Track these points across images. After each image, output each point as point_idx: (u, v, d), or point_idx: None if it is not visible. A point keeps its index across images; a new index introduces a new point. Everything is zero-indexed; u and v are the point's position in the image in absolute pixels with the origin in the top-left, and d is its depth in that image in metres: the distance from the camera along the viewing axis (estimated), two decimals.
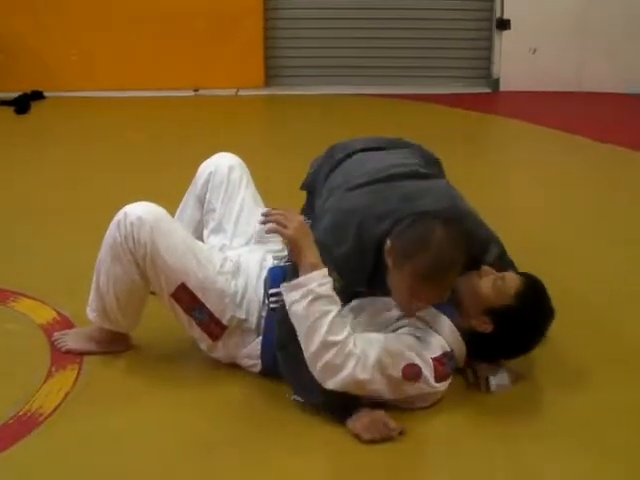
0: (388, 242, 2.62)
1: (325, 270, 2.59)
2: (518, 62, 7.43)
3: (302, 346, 2.55)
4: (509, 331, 2.72)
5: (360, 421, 2.58)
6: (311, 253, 2.61)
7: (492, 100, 7.38)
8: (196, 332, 2.86)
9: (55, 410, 2.70)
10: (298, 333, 2.56)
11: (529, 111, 6.86)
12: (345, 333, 2.53)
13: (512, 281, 2.74)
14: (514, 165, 5.67)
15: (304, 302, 2.53)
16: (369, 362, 2.52)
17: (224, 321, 2.82)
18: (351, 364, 2.50)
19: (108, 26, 7.14)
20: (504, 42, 7.45)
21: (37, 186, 4.85)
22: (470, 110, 6.90)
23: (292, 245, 2.64)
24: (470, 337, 2.75)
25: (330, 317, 2.52)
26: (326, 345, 2.50)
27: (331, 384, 2.53)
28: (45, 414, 2.67)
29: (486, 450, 2.56)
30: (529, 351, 2.83)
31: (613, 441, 2.58)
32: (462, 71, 7.64)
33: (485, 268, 2.76)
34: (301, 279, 2.57)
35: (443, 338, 2.69)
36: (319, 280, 2.56)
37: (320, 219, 2.86)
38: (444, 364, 2.64)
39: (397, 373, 2.56)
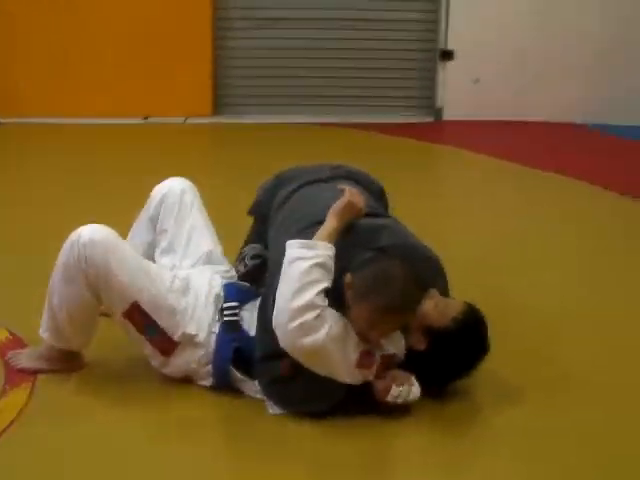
0: (348, 276, 2.71)
1: (334, 248, 2.71)
2: (461, 91, 7.58)
3: (283, 299, 2.64)
4: (441, 353, 2.80)
5: (384, 386, 2.75)
6: (340, 224, 2.79)
7: (435, 129, 7.51)
8: (148, 349, 2.93)
9: (9, 426, 2.73)
10: (286, 285, 2.66)
11: (471, 139, 7.00)
12: (326, 302, 2.65)
13: (454, 306, 2.84)
14: (457, 193, 5.79)
15: (311, 262, 2.65)
16: (336, 333, 2.64)
17: (175, 337, 2.89)
18: (324, 330, 2.61)
19: (61, 53, 7.20)
20: (447, 72, 7.62)
21: None
22: (414, 138, 7.02)
23: (343, 208, 2.80)
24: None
25: (323, 285, 2.65)
26: (312, 305, 2.61)
27: (298, 344, 2.63)
28: None
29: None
30: (455, 379, 2.91)
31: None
32: (406, 100, 7.78)
33: (432, 290, 2.85)
34: (320, 243, 2.70)
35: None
36: (330, 253, 2.69)
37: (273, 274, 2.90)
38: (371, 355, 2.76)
39: (353, 356, 2.69)
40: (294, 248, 2.71)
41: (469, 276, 3.73)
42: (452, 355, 2.80)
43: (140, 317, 2.87)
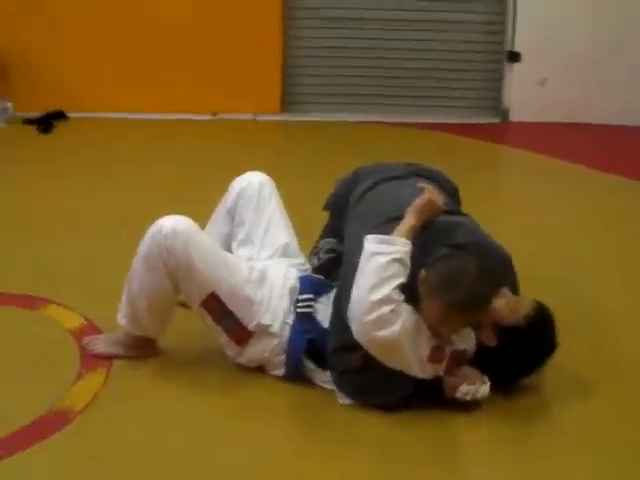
0: (423, 272, 2.75)
1: (411, 245, 2.76)
2: (527, 93, 7.56)
3: (360, 292, 2.69)
4: (511, 350, 2.83)
5: (454, 383, 2.82)
6: (418, 222, 2.83)
7: (501, 130, 7.50)
8: (224, 338, 3.01)
9: (85, 408, 2.83)
10: (364, 279, 2.71)
11: (536, 141, 6.97)
12: (402, 297, 2.70)
13: (525, 304, 2.87)
14: (522, 194, 5.79)
15: (389, 257, 2.70)
16: (409, 327, 2.69)
17: (250, 327, 2.96)
18: (398, 324, 2.66)
19: (131, 49, 7.27)
20: (514, 73, 7.60)
21: (64, 201, 5.01)
22: (480, 139, 7.02)
23: (420, 205, 2.85)
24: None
25: (400, 280, 2.70)
26: (388, 299, 2.66)
27: (372, 337, 2.69)
28: (76, 411, 2.80)
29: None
30: (525, 375, 2.96)
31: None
32: (473, 101, 7.77)
33: (504, 288, 2.87)
34: (398, 239, 2.76)
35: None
36: (408, 249, 2.75)
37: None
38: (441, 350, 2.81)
39: (425, 351, 2.74)
40: (373, 243, 2.76)
41: (534, 273, 3.73)
42: (523, 352, 2.84)
43: (217, 307, 2.94)
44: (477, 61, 7.71)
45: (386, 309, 2.65)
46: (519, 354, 2.85)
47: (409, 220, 2.83)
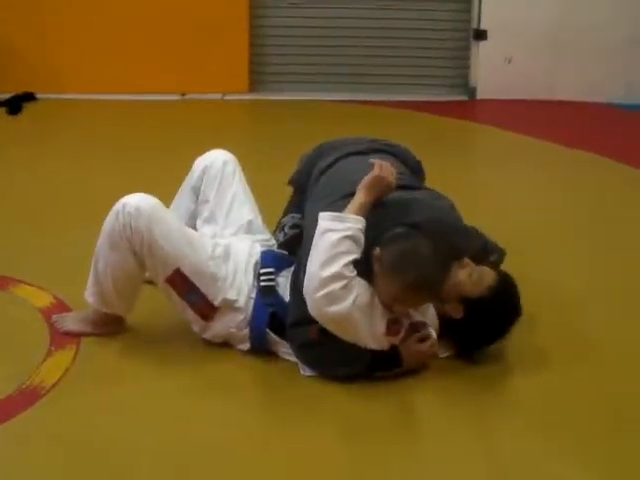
0: (377, 250, 2.79)
1: (364, 221, 2.80)
2: (494, 71, 7.60)
3: (313, 269, 2.74)
4: (477, 320, 2.91)
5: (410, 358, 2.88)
6: (370, 197, 2.85)
7: (469, 107, 7.54)
8: (189, 314, 3.06)
9: (56, 384, 2.87)
10: (316, 255, 2.75)
11: (503, 118, 7.02)
12: (354, 273, 2.74)
13: (487, 275, 2.94)
14: (490, 170, 5.81)
15: (341, 234, 2.74)
16: (362, 303, 2.74)
17: (216, 303, 3.01)
18: (349, 300, 2.71)
19: (98, 30, 7.25)
20: (481, 51, 7.66)
21: (32, 182, 5.02)
22: (448, 116, 7.06)
23: (371, 180, 2.87)
24: (440, 320, 2.98)
25: (352, 257, 2.74)
26: (339, 276, 2.70)
27: (324, 312, 2.75)
28: (46, 388, 2.85)
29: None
30: (491, 343, 3.03)
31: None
32: (440, 79, 7.81)
33: (466, 260, 2.95)
34: (350, 216, 2.79)
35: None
36: (360, 226, 2.78)
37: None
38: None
39: (381, 326, 2.80)
40: (325, 220, 2.79)
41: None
42: (488, 321, 2.92)
43: (182, 283, 2.99)
44: (444, 39, 7.72)
45: (337, 285, 2.70)
46: (485, 323, 2.93)
47: (359, 197, 2.86)
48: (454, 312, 2.93)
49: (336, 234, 2.74)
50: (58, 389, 2.86)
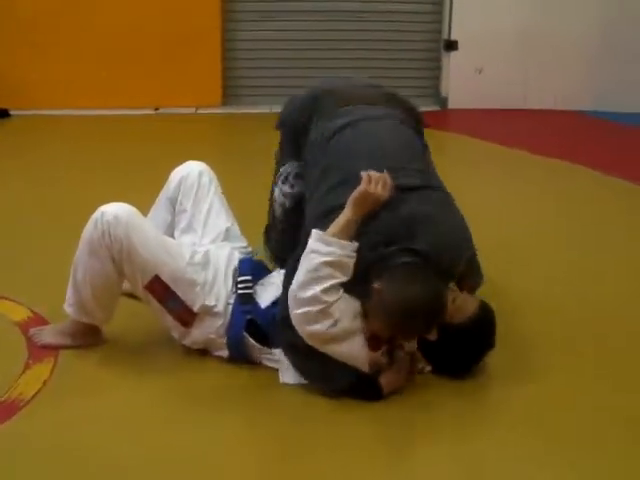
0: (378, 284, 2.74)
1: (356, 245, 2.76)
2: (465, 81, 7.68)
3: (293, 285, 2.74)
4: (451, 346, 2.90)
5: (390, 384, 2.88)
6: (358, 214, 2.79)
7: (440, 117, 7.58)
8: (169, 320, 3.07)
9: (34, 397, 2.86)
10: (299, 273, 2.74)
11: (475, 127, 7.10)
12: (335, 298, 2.73)
13: (471, 304, 2.94)
14: (464, 178, 5.84)
15: (324, 258, 2.72)
16: (340, 327, 2.74)
17: (195, 309, 3.02)
18: (325, 324, 2.72)
19: (72, 46, 7.28)
20: (452, 62, 7.72)
21: (6, 197, 5.02)
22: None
23: (358, 198, 2.79)
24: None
25: (334, 282, 2.73)
26: (316, 299, 2.70)
27: (301, 330, 2.76)
28: (25, 400, 2.83)
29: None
30: (459, 370, 3.01)
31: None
32: (412, 90, 7.85)
33: (451, 285, 2.93)
34: (335, 240, 2.74)
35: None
36: (348, 251, 2.75)
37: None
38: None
39: (361, 349, 2.79)
40: (313, 239, 2.78)
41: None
42: (462, 349, 2.92)
43: (161, 289, 3.00)
44: (415, 50, 7.82)
45: (313, 308, 2.71)
46: (458, 351, 2.92)
47: (346, 214, 2.80)
48: (429, 335, 2.87)
49: (318, 258, 2.73)
50: (37, 402, 2.85)
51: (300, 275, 2.75)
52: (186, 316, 3.04)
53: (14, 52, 7.26)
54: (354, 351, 2.80)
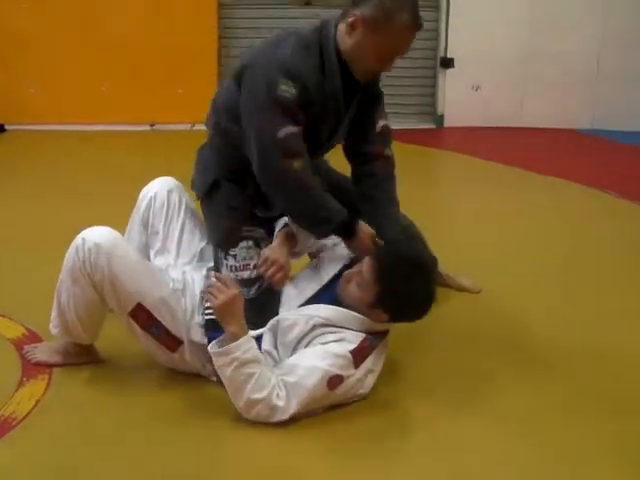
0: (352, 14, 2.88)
1: (249, 335, 2.74)
2: (461, 99, 7.69)
3: (232, 400, 2.75)
4: (395, 306, 2.84)
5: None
6: (235, 322, 2.73)
7: (436, 135, 7.62)
8: (153, 346, 3.02)
9: (27, 415, 2.84)
10: (227, 389, 2.75)
11: (471, 145, 7.11)
12: (268, 389, 2.71)
13: (367, 270, 2.85)
14: (459, 195, 5.90)
15: (231, 367, 2.70)
16: (295, 403, 2.73)
17: (179, 336, 2.99)
18: (277, 414, 2.72)
19: (69, 62, 7.31)
20: (448, 80, 7.73)
21: (1, 214, 5.02)
22: (416, 144, 7.12)
23: (217, 314, 2.76)
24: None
25: (254, 379, 2.70)
26: (252, 402, 2.70)
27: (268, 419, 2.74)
28: (18, 419, 2.81)
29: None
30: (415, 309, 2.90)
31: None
32: (408, 107, 7.88)
33: (345, 274, 2.93)
34: (226, 348, 2.70)
35: (354, 329, 2.86)
36: (243, 348, 2.71)
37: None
38: (365, 347, 2.83)
39: (324, 390, 2.76)
40: (214, 357, 2.75)
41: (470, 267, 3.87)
42: (401, 290, 2.82)
43: (145, 317, 2.95)
44: (412, 67, 7.81)
45: (255, 410, 2.72)
46: (400, 294, 2.82)
47: (228, 328, 2.75)
48: (380, 319, 2.86)
49: (227, 368, 2.72)
50: (30, 419, 2.83)
51: (227, 388, 2.76)
52: (170, 342, 3.00)
53: (11, 67, 7.30)
54: (317, 397, 2.77)
